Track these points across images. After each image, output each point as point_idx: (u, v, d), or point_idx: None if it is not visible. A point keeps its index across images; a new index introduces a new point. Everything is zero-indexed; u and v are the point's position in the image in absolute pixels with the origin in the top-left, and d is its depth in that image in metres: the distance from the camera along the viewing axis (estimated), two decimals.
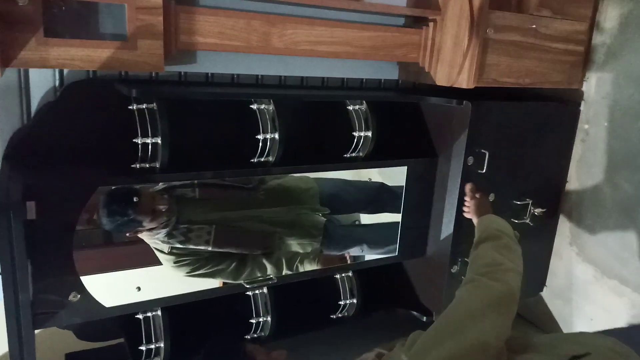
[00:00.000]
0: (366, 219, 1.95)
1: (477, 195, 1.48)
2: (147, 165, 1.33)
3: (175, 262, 1.55)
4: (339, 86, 1.88)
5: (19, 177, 1.17)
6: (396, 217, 1.85)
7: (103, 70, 1.38)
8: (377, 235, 1.90)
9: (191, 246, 1.55)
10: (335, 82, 1.87)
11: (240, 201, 1.64)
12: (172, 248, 1.53)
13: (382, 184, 1.89)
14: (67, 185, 1.23)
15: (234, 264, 1.64)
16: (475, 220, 1.39)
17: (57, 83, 1.40)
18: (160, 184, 1.46)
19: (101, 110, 1.36)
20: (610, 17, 1.90)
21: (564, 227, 2.08)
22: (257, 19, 1.48)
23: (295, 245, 1.75)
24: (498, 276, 0.98)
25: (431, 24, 1.75)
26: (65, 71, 1.39)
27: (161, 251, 1.54)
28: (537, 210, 1.90)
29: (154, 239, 1.51)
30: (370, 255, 1.88)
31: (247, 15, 1.47)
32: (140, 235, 1.49)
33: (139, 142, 1.31)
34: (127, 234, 1.47)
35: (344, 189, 1.84)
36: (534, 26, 1.77)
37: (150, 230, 1.48)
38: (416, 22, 1.80)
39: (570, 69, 1.93)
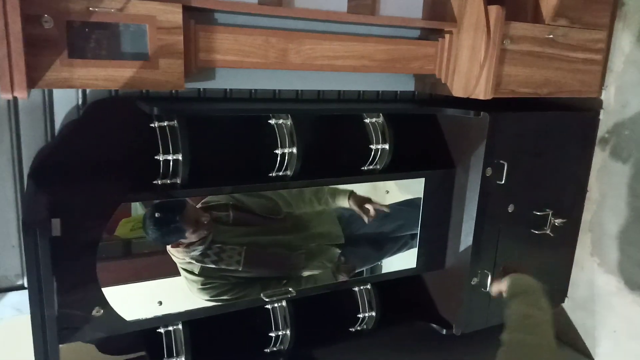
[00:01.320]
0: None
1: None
2: (169, 181, 1.36)
3: (203, 284, 1.57)
4: (356, 99, 1.89)
5: (44, 195, 1.19)
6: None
7: (125, 89, 1.41)
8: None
9: (223, 266, 1.57)
10: (351, 95, 1.88)
11: (269, 228, 1.68)
12: (203, 268, 1.55)
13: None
14: (91, 201, 1.26)
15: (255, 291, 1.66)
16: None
17: (80, 101, 1.43)
18: (199, 204, 1.50)
19: (123, 128, 1.39)
20: (628, 25, 1.88)
21: (585, 237, 2.05)
22: (274, 35, 1.50)
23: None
24: (532, 330, 1.03)
25: (447, 36, 1.76)
26: (88, 90, 1.42)
27: (191, 272, 1.55)
28: (558, 221, 1.88)
29: (188, 256, 1.52)
30: (387, 267, 1.88)
31: (265, 32, 1.49)
32: (175, 252, 1.51)
33: (161, 158, 1.33)
34: (170, 246, 1.49)
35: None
36: (551, 36, 1.76)
37: (189, 245, 1.50)
38: (432, 34, 1.81)
39: (589, 78, 1.91)
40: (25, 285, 1.49)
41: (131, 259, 1.85)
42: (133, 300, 1.42)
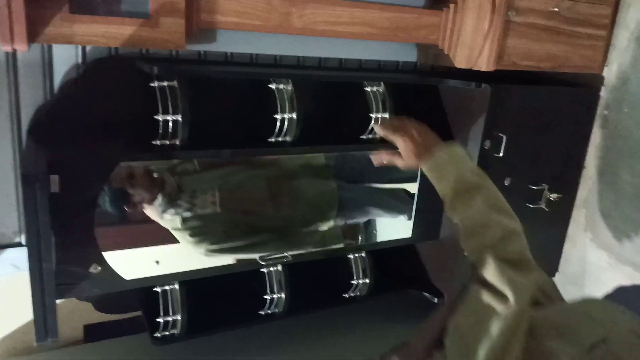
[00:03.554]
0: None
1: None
2: (168, 142, 1.35)
3: (191, 236, 1.58)
4: (357, 68, 1.87)
5: (43, 152, 1.19)
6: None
7: (125, 48, 1.39)
8: (392, 196, 1.92)
9: (200, 212, 1.57)
10: (352, 64, 1.86)
11: (242, 166, 1.66)
12: (184, 220, 1.56)
13: None
14: (89, 160, 1.26)
15: (255, 242, 1.67)
16: (422, 159, 1.05)
17: (80, 59, 1.41)
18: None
19: (123, 87, 1.38)
20: (634, 1, 1.86)
21: (579, 213, 2.07)
22: None
23: (312, 222, 1.78)
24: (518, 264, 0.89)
25: (452, 6, 1.73)
26: (88, 48, 1.41)
27: (177, 229, 1.57)
28: (553, 196, 1.89)
29: (160, 213, 1.53)
30: (382, 236, 1.90)
31: None
32: (147, 213, 1.52)
33: (160, 118, 1.33)
34: (127, 208, 1.50)
35: (356, 159, 1.85)
36: (557, 9, 1.74)
37: (149, 202, 1.50)
38: (437, 4, 1.78)
39: (591, 54, 1.90)
40: (23, 242, 1.50)
41: (129, 225, 1.86)
42: (131, 260, 1.44)
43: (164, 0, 1.28)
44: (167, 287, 1.49)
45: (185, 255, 1.60)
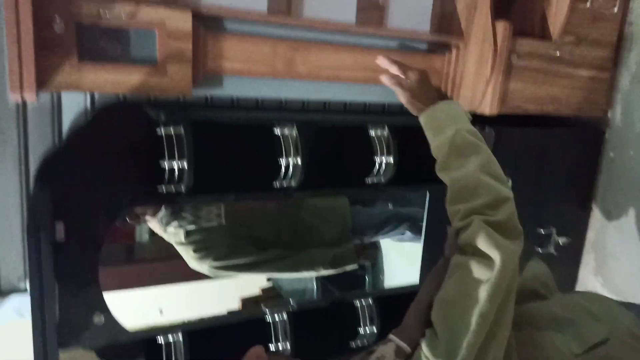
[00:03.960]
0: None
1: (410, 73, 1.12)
2: (173, 187, 1.35)
3: (195, 251, 1.54)
4: (362, 110, 1.89)
5: (49, 198, 1.19)
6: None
7: (133, 94, 1.41)
8: (404, 215, 1.87)
9: (204, 225, 1.52)
10: (357, 106, 1.88)
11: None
12: (188, 234, 1.52)
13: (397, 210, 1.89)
14: (95, 205, 1.26)
15: (262, 259, 1.61)
16: (420, 112, 1.09)
17: (88, 104, 1.43)
18: None
19: (130, 133, 1.38)
20: (635, 44, 1.89)
21: (589, 257, 2.04)
22: (282, 44, 1.51)
23: (323, 238, 1.73)
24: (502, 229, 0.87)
25: (454, 50, 1.76)
26: (97, 94, 1.42)
27: (180, 243, 1.53)
28: (562, 240, 1.87)
29: (163, 225, 1.50)
30: (390, 281, 1.87)
31: (273, 40, 1.49)
32: (150, 226, 1.49)
33: (166, 165, 1.33)
34: (129, 220, 1.47)
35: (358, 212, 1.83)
36: (558, 53, 1.77)
37: (152, 214, 1.46)
38: (439, 48, 1.81)
39: (595, 96, 1.92)
40: (27, 288, 1.48)
41: (134, 264, 1.84)
42: (134, 308, 1.42)
43: (171, 47, 1.30)
44: (170, 339, 1.46)
45: (189, 298, 1.57)
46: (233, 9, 1.48)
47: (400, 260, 2.05)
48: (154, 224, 1.49)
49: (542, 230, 1.83)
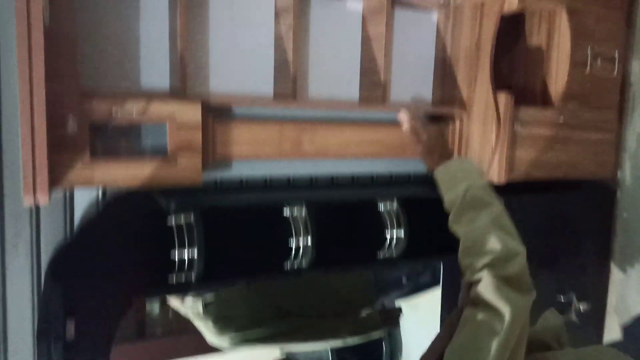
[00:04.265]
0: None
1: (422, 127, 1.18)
2: (183, 276, 1.35)
3: (215, 323, 1.50)
4: (369, 182, 1.90)
5: (59, 298, 1.19)
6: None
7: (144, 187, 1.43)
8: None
9: (223, 294, 1.48)
10: (365, 179, 1.89)
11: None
12: (207, 306, 1.48)
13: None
14: (105, 300, 1.25)
15: (283, 329, 1.57)
16: (434, 166, 1.13)
17: (100, 195, 1.45)
18: None
19: (140, 223, 1.40)
20: (638, 105, 1.90)
21: (612, 320, 1.97)
22: (288, 126, 1.54)
23: (348, 303, 1.68)
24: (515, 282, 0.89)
25: (458, 120, 1.79)
26: None
27: (199, 316, 1.49)
28: (583, 305, 1.81)
29: (181, 297, 1.47)
30: (407, 352, 1.81)
31: (279, 123, 1.53)
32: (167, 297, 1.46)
33: (176, 254, 1.33)
34: None
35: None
36: (562, 118, 1.78)
37: None
38: (443, 119, 1.84)
39: (603, 158, 1.92)
40: None
41: (145, 340, 1.80)
42: None
43: (181, 138, 1.33)
44: None
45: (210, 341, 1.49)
46: (240, 97, 1.53)
47: (418, 330, 1.99)
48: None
49: (562, 297, 1.79)
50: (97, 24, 1.35)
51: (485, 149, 1.71)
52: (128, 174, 1.28)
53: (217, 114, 1.44)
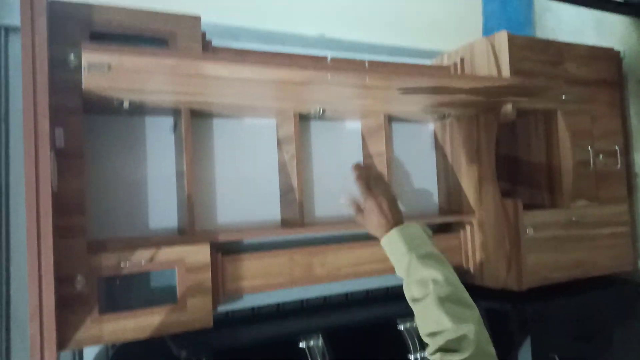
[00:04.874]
0: None
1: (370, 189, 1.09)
2: None
3: None
4: (384, 295, 1.84)
5: None
6: None
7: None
8: None
9: None
10: (379, 292, 1.84)
11: None
12: None
13: None
14: None
15: None
16: (379, 234, 1.05)
17: (109, 346, 1.40)
18: None
19: None
20: None
21: None
22: (298, 253, 1.52)
23: None
24: None
25: (468, 227, 1.77)
26: None
27: None
28: None
29: None
30: None
31: (289, 251, 1.51)
32: None
33: None
34: None
35: None
36: (573, 218, 1.76)
37: None
38: (453, 226, 1.82)
39: (620, 252, 1.87)
40: None
41: None
42: None
43: (191, 281, 1.30)
44: None
45: None
46: (248, 230, 1.52)
47: None
48: None
49: None
50: (106, 175, 1.38)
51: (500, 256, 1.67)
52: (138, 325, 1.24)
53: (226, 249, 1.43)
